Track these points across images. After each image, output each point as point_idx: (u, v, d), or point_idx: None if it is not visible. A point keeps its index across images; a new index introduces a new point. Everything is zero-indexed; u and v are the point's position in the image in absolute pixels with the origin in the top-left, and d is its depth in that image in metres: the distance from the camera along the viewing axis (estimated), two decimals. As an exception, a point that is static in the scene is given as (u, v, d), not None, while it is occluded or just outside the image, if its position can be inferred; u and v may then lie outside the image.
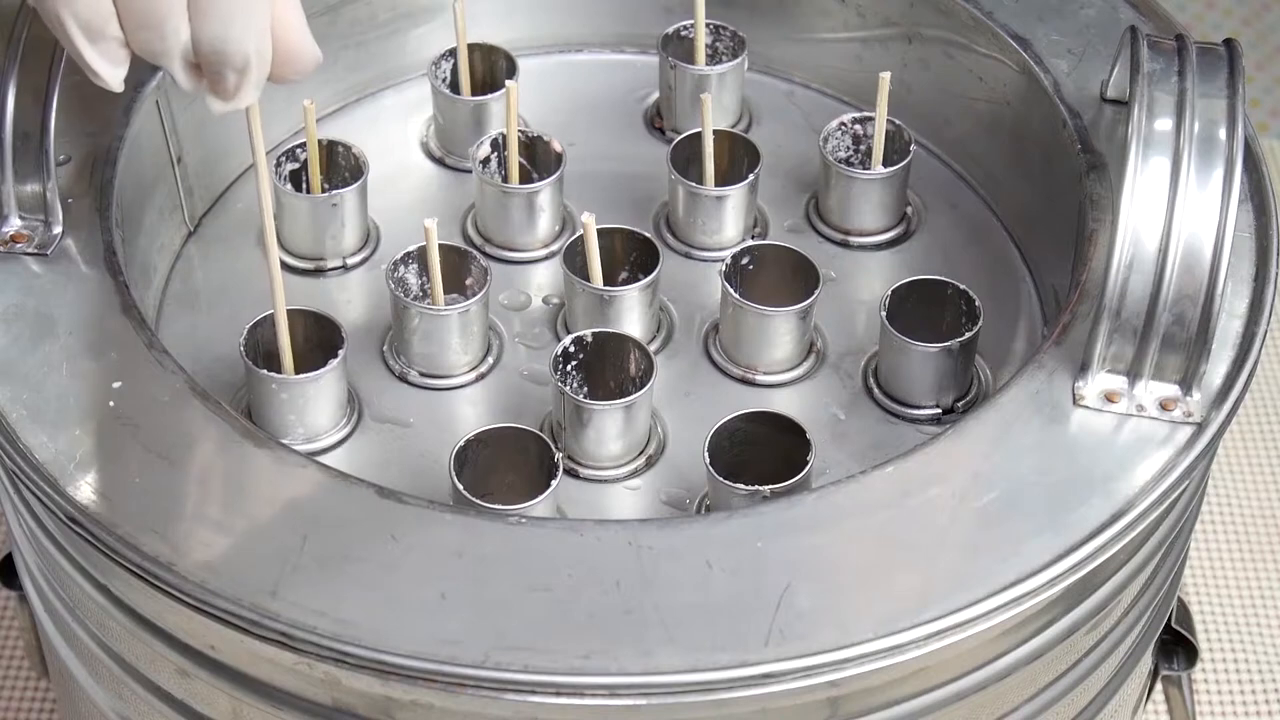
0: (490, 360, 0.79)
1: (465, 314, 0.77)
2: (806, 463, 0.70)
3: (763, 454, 0.72)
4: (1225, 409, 0.69)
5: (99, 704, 0.76)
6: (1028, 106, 0.83)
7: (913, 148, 0.83)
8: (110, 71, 0.63)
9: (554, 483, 0.70)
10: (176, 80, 0.63)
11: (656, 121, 0.90)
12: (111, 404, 0.68)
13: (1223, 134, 0.68)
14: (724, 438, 0.72)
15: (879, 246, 0.85)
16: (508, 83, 0.82)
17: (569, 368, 0.75)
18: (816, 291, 0.77)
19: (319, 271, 0.83)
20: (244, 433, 0.68)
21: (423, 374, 0.78)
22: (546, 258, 0.84)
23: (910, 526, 0.65)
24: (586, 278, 0.77)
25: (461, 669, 0.60)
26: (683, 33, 0.88)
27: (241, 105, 0.64)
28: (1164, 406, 0.68)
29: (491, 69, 0.88)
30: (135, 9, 0.61)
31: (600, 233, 0.77)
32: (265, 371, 0.73)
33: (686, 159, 0.83)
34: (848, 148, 0.84)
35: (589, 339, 0.75)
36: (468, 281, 0.78)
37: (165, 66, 0.63)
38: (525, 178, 0.83)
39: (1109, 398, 0.69)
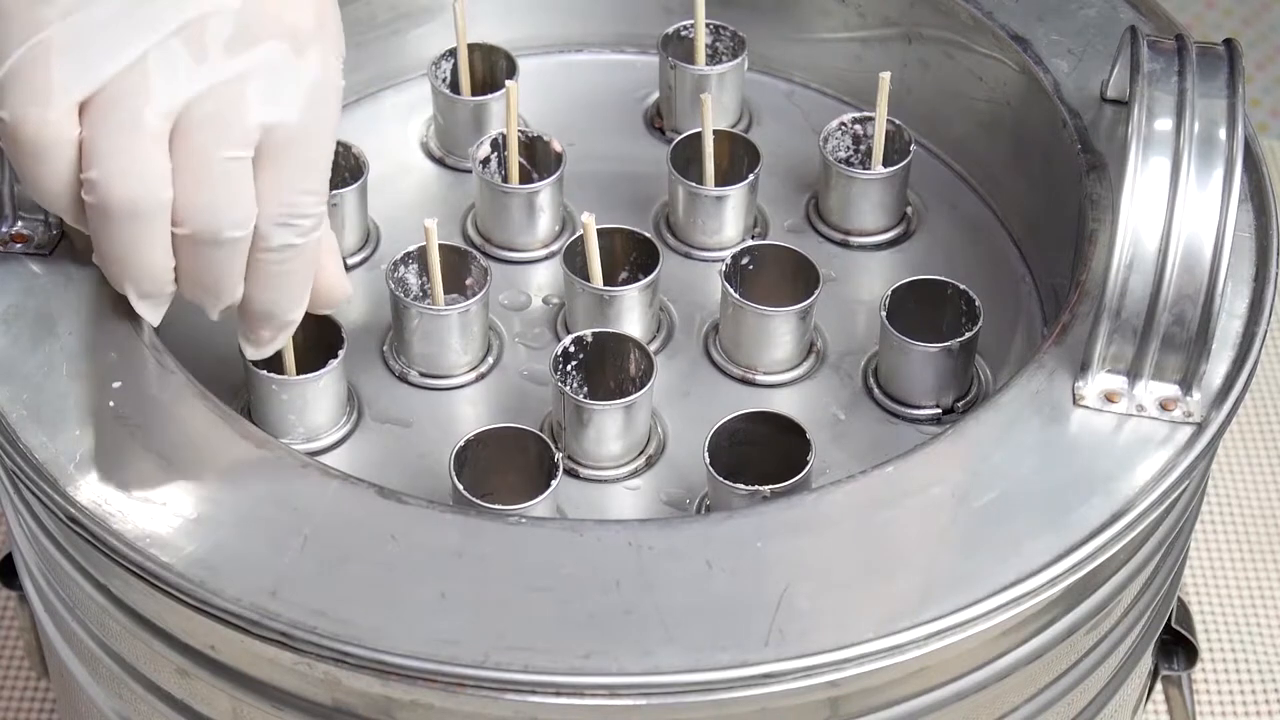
0: (490, 360, 0.79)
1: (465, 314, 0.77)
2: (806, 463, 0.70)
3: (763, 454, 0.72)
4: (1225, 409, 0.69)
5: (99, 704, 0.76)
6: (1028, 106, 0.83)
7: (913, 148, 0.83)
8: (154, 313, 0.69)
9: (554, 483, 0.70)
10: (209, 315, 0.69)
11: (656, 121, 0.90)
12: (111, 404, 0.68)
13: (1223, 134, 0.68)
14: (724, 438, 0.72)
15: (879, 246, 0.85)
16: (508, 83, 0.82)
17: (569, 368, 0.75)
18: (816, 291, 0.77)
19: (319, 271, 0.83)
20: (244, 433, 0.68)
21: (423, 374, 0.78)
22: (546, 258, 0.84)
23: (910, 526, 0.65)
24: (586, 278, 0.77)
25: (461, 669, 0.60)
26: (683, 33, 0.88)
27: (271, 353, 0.71)
28: (1164, 406, 0.68)
29: (491, 69, 0.88)
30: (197, 278, 0.67)
31: (600, 233, 0.77)
32: (265, 372, 0.73)
33: (686, 159, 0.83)
34: (848, 148, 0.84)
35: (589, 339, 0.75)
36: (468, 281, 0.78)
37: (206, 311, 0.69)
38: (525, 178, 0.83)
39: (1109, 398, 0.69)
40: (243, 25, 0.65)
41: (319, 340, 0.75)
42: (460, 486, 0.69)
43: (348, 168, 0.83)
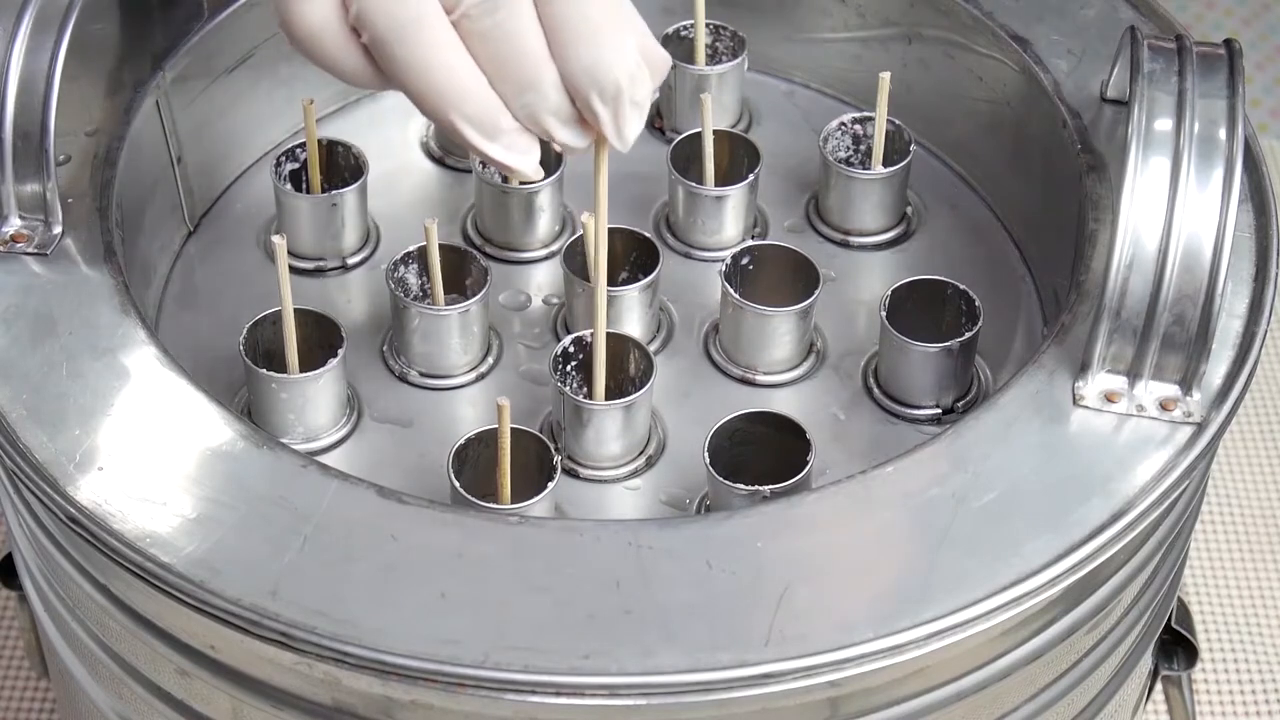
0: (490, 360, 0.79)
1: (465, 314, 0.77)
2: (806, 463, 0.70)
3: (763, 454, 0.72)
4: (1225, 409, 0.68)
5: (99, 704, 0.76)
6: (1028, 106, 0.83)
7: (913, 148, 0.83)
8: (521, 160, 0.64)
9: (551, 483, 0.70)
10: (570, 144, 0.64)
11: (656, 121, 0.90)
12: (111, 404, 0.68)
13: (1223, 134, 0.68)
14: (724, 438, 0.72)
15: (879, 246, 0.85)
16: (508, 83, 0.82)
17: (568, 368, 0.75)
18: (816, 291, 0.77)
19: (319, 271, 0.83)
20: (244, 433, 0.68)
21: (423, 374, 0.78)
22: (546, 258, 0.84)
23: (910, 526, 0.65)
24: (586, 278, 0.77)
25: (461, 669, 0.60)
26: (683, 33, 0.88)
27: (630, 137, 0.64)
28: (1164, 406, 0.68)
29: (491, 69, 0.88)
30: (503, 67, 0.62)
31: (600, 233, 0.77)
32: (265, 371, 0.74)
33: (686, 159, 0.83)
34: (848, 148, 0.84)
35: (589, 339, 0.75)
36: (468, 281, 0.78)
37: (553, 133, 0.63)
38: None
39: (1109, 398, 0.69)
40: None
41: (319, 340, 0.75)
42: (458, 486, 0.69)
43: (347, 168, 0.83)
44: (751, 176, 0.83)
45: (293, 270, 0.78)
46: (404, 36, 0.61)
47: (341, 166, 0.83)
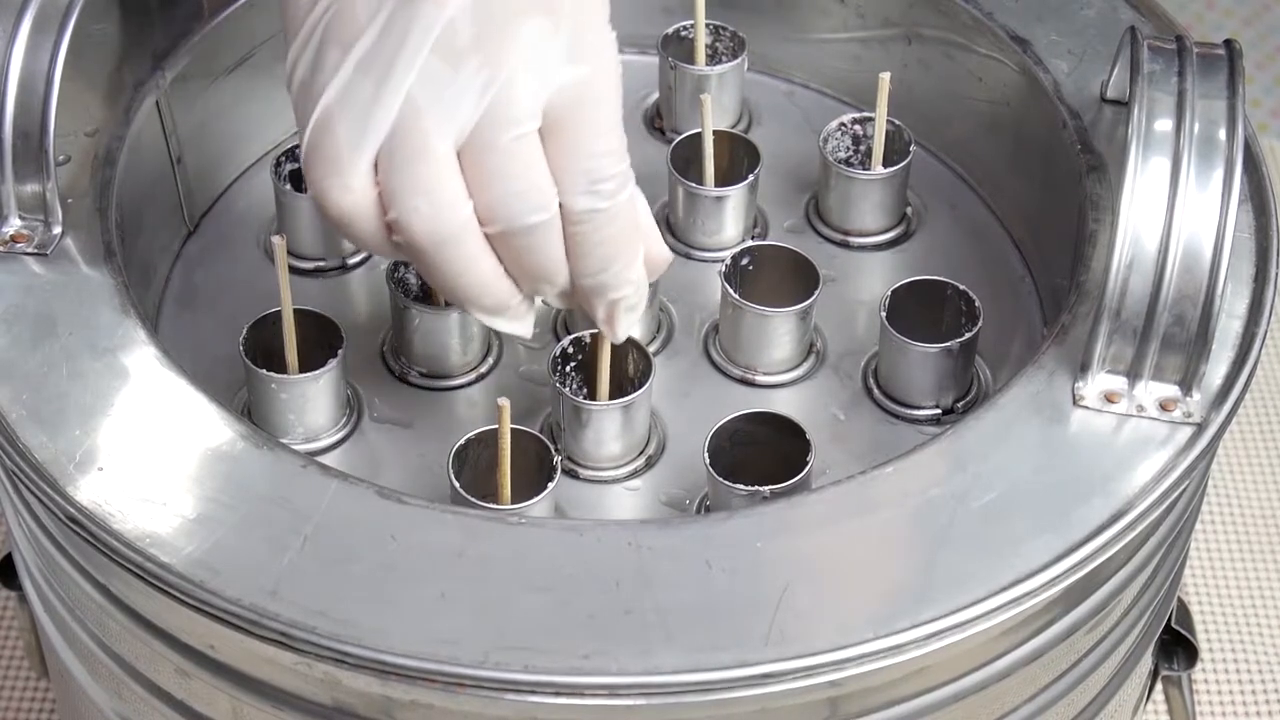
0: (490, 360, 0.79)
1: (465, 314, 0.77)
2: (806, 463, 0.70)
3: (763, 454, 0.72)
4: (1225, 409, 0.69)
5: (99, 704, 0.76)
6: (1028, 106, 0.83)
7: (912, 148, 0.83)
8: (520, 327, 0.70)
9: (551, 484, 0.70)
10: (554, 304, 0.70)
11: (656, 121, 0.90)
12: (112, 404, 0.68)
13: (1223, 134, 0.68)
14: (724, 438, 0.72)
15: (879, 246, 0.85)
16: (508, 83, 0.82)
17: (568, 368, 0.75)
18: (816, 291, 0.77)
19: (319, 271, 0.83)
20: (244, 433, 0.68)
21: (423, 374, 0.78)
22: (546, 258, 0.84)
23: (910, 526, 0.65)
24: (586, 278, 0.77)
25: (461, 669, 0.60)
26: (683, 33, 0.88)
27: (624, 336, 0.71)
28: (1164, 407, 0.68)
29: (491, 69, 0.88)
30: (524, 269, 0.67)
31: (600, 233, 0.77)
32: (265, 371, 0.74)
33: (686, 159, 0.83)
34: (848, 148, 0.84)
35: (588, 340, 0.75)
36: (468, 281, 0.78)
37: (552, 304, 0.70)
38: (525, 178, 0.83)
39: (1109, 398, 0.69)
40: (486, 15, 0.64)
41: (319, 340, 0.75)
42: (458, 486, 0.69)
43: (348, 168, 0.83)
44: (751, 177, 0.83)
45: (293, 270, 0.78)
46: (441, 249, 0.66)
47: (341, 166, 0.83)
